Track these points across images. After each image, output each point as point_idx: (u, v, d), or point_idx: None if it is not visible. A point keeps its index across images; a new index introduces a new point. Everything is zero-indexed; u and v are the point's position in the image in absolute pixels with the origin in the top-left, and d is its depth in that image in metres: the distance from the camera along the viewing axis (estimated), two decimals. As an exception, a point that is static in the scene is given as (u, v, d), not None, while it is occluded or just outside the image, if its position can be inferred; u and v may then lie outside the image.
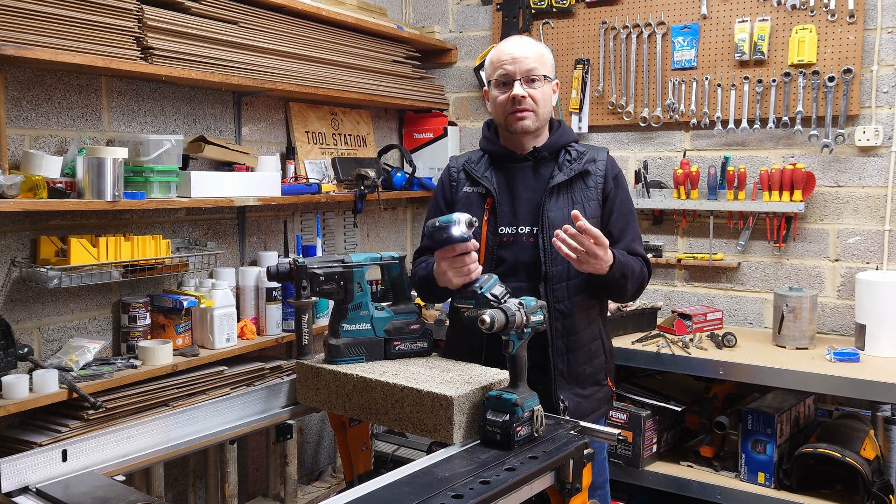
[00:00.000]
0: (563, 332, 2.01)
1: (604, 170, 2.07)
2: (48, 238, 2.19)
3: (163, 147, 2.33)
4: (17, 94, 2.18)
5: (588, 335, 2.06)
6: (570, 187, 2.04)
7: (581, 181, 2.05)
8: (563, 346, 2.01)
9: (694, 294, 3.19)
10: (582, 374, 2.05)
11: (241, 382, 2.55)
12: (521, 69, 2.00)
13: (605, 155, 2.11)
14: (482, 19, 3.64)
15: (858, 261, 2.88)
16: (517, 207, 2.04)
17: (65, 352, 2.24)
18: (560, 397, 1.99)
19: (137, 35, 2.27)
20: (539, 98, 2.02)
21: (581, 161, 2.04)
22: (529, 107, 2.01)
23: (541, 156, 2.06)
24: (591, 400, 2.07)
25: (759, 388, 2.78)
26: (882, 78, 2.79)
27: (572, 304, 2.01)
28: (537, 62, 2.01)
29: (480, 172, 2.09)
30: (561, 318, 2.00)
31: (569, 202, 2.02)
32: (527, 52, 2.01)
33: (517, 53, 2.01)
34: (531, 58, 2.00)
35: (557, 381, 2.01)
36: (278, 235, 3.04)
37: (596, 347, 2.09)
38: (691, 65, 3.09)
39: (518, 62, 2.00)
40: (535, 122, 2.03)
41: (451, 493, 1.36)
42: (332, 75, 3.00)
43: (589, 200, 2.03)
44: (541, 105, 2.03)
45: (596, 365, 2.08)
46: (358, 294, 1.87)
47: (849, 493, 2.46)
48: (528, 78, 2.00)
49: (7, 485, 1.45)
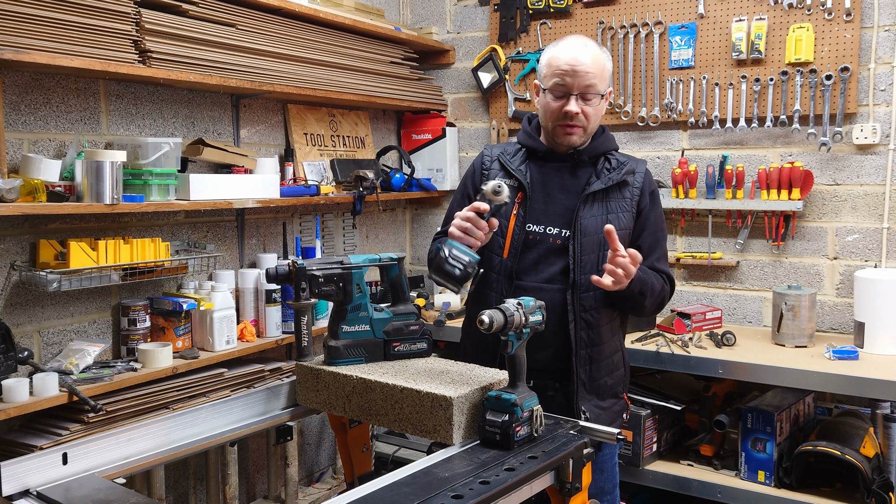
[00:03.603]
0: (587, 342, 1.97)
1: (641, 183, 2.03)
2: (47, 241, 2.20)
3: (161, 150, 2.34)
4: (15, 98, 2.19)
5: (611, 346, 2.03)
6: (605, 196, 2.00)
7: (618, 191, 2.01)
8: (587, 356, 1.98)
9: (693, 293, 3.19)
10: (603, 386, 2.02)
11: (241, 384, 2.56)
12: (580, 84, 1.92)
13: (644, 168, 2.07)
14: (480, 20, 3.64)
15: (857, 259, 2.88)
16: (549, 207, 2.00)
17: (65, 355, 2.24)
18: (582, 408, 1.97)
19: (135, 38, 2.27)
20: (592, 115, 1.96)
21: (620, 171, 2.00)
22: (581, 123, 1.95)
23: (580, 159, 2.02)
24: (609, 412, 2.04)
25: (759, 386, 2.78)
26: (879, 76, 2.80)
27: (599, 315, 1.98)
28: (597, 77, 1.93)
29: (515, 165, 2.04)
30: (586, 328, 1.96)
31: (603, 211, 1.98)
32: (588, 64, 1.92)
33: (579, 66, 1.91)
34: (592, 72, 1.92)
35: (579, 391, 1.98)
36: (277, 237, 3.05)
37: (617, 360, 2.06)
38: (689, 64, 3.10)
39: (578, 76, 1.91)
40: (583, 137, 1.99)
41: (451, 494, 1.36)
42: (330, 77, 3.00)
43: (623, 211, 2.00)
44: (592, 121, 1.97)
45: (616, 377, 2.06)
46: (357, 295, 1.87)
47: (849, 491, 2.47)
48: (584, 95, 1.93)
49: (8, 488, 1.45)
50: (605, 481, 2.05)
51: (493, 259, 2.02)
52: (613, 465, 2.11)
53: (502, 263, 2.00)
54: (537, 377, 1.94)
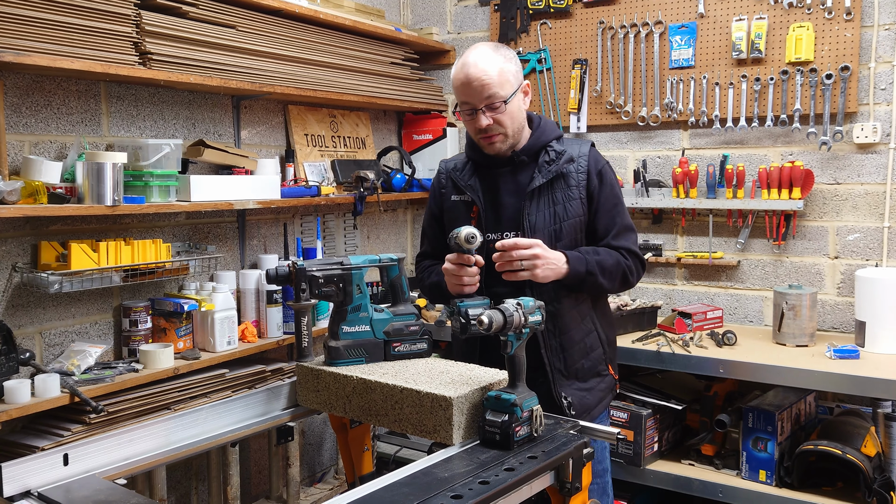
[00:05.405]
0: (554, 332, 2.01)
1: (585, 166, 2.03)
2: (49, 243, 2.20)
3: (162, 151, 2.34)
4: (16, 101, 2.19)
5: (581, 331, 2.05)
6: (550, 189, 2.01)
7: (561, 181, 2.02)
8: (558, 346, 2.02)
9: (694, 292, 3.19)
10: (581, 370, 2.05)
11: (242, 385, 2.56)
12: (480, 98, 1.93)
13: (587, 150, 2.06)
14: (480, 20, 3.64)
15: (858, 258, 2.88)
16: (500, 214, 2.04)
17: (66, 356, 2.25)
18: (562, 395, 2.00)
19: (136, 40, 2.28)
20: (505, 119, 1.96)
21: (559, 162, 2.01)
22: (497, 131, 1.97)
23: (520, 160, 2.04)
24: (594, 392, 2.07)
25: (760, 385, 2.78)
26: (880, 75, 2.79)
27: (560, 305, 2.00)
28: (496, 85, 1.92)
29: (465, 181, 2.08)
30: (551, 320, 1.98)
31: (549, 204, 2.00)
32: (482, 75, 1.91)
33: (472, 81, 1.92)
34: (488, 83, 1.91)
35: (557, 379, 2.01)
36: (278, 238, 3.05)
37: (591, 341, 2.08)
38: (689, 64, 3.10)
39: (475, 92, 1.92)
40: (507, 140, 2.00)
41: (451, 494, 1.36)
42: (330, 78, 3.00)
43: (570, 200, 2.01)
44: (508, 124, 1.97)
45: (593, 358, 2.08)
46: (357, 296, 1.87)
47: (850, 490, 2.46)
48: (489, 105, 1.94)
49: (9, 489, 1.46)
50: (596, 464, 2.05)
51: None
52: (603, 448, 2.13)
53: None
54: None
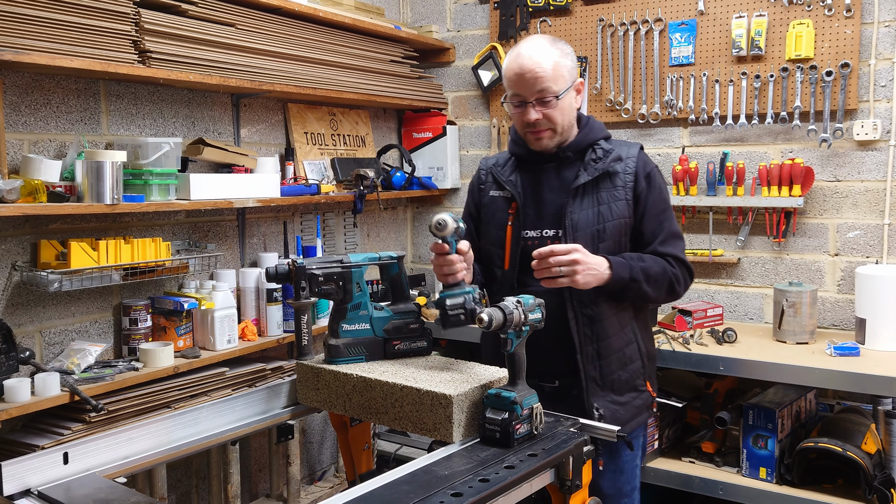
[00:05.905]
0: (591, 337, 1.95)
1: (633, 168, 1.97)
2: (48, 242, 2.20)
3: (162, 150, 2.34)
4: (15, 99, 2.19)
5: (620, 340, 1.99)
6: (595, 188, 1.96)
7: (608, 181, 1.97)
8: (594, 352, 1.95)
9: (694, 290, 3.19)
10: (617, 381, 1.98)
11: (242, 383, 2.56)
12: (532, 91, 1.90)
13: (636, 152, 2.01)
14: (480, 18, 3.64)
15: (858, 255, 2.88)
16: (541, 210, 2.00)
17: (66, 355, 2.25)
18: (594, 405, 1.94)
19: (135, 38, 2.28)
20: (555, 115, 1.92)
21: (606, 160, 1.97)
22: (545, 126, 1.94)
23: (565, 156, 2.00)
24: (628, 407, 2.00)
25: (760, 383, 2.78)
26: (880, 72, 2.79)
27: (600, 309, 1.95)
28: (550, 79, 1.88)
29: (506, 176, 2.05)
30: (589, 324, 1.94)
31: (594, 203, 1.95)
32: (537, 68, 1.88)
33: (525, 73, 1.89)
34: (542, 76, 1.88)
35: (590, 388, 1.95)
36: (278, 236, 3.05)
37: (630, 352, 2.01)
38: (689, 61, 3.09)
39: (527, 84, 1.89)
40: (555, 137, 1.97)
41: (451, 492, 1.36)
42: (330, 76, 3.00)
43: (616, 201, 1.96)
44: (559, 120, 1.94)
45: (631, 370, 2.01)
46: (357, 294, 1.87)
47: (850, 488, 2.46)
48: (540, 100, 1.91)
49: (9, 488, 1.45)
50: (624, 483, 2.03)
51: (496, 272, 2.06)
52: (634, 467, 2.07)
53: (504, 275, 2.03)
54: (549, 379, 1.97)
